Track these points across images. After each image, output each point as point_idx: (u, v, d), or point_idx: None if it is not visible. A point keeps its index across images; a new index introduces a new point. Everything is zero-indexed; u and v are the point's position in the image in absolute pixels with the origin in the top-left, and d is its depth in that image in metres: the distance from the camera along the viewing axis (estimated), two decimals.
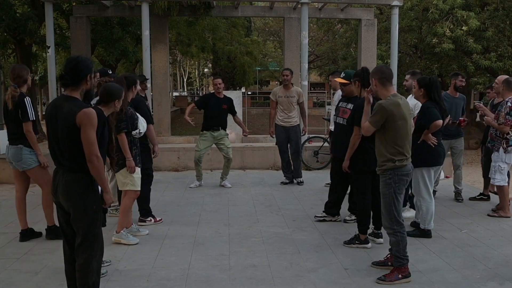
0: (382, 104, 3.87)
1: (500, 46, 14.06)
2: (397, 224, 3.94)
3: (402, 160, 3.90)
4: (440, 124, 4.96)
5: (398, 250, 3.95)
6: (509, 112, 5.66)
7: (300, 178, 7.87)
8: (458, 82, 6.49)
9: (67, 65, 3.19)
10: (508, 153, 5.78)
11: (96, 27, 14.38)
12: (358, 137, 4.65)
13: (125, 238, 4.85)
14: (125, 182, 4.81)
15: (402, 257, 3.95)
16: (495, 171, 5.85)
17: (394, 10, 10.12)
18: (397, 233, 3.94)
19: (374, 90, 4.06)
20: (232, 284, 3.89)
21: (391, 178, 3.90)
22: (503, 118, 5.68)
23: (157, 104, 11.54)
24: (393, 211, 3.92)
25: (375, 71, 4.05)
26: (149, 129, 5.40)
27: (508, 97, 5.74)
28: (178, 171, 9.08)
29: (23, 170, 4.86)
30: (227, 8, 12.26)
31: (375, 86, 4.01)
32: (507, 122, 5.67)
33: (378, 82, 3.98)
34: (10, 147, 4.84)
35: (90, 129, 3.07)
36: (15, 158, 4.82)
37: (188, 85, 53.55)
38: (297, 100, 7.66)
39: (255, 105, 33.80)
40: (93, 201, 3.20)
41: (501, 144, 5.79)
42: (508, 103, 5.68)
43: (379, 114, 3.87)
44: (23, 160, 4.79)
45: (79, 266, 3.19)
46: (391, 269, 4.02)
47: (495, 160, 5.86)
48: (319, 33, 29.09)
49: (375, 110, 3.91)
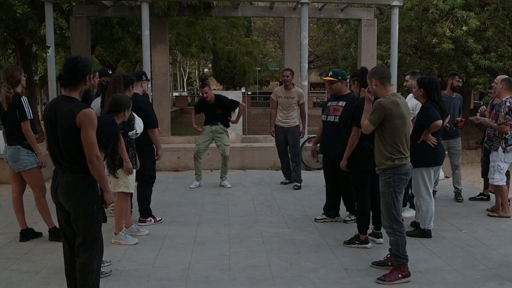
0: (381, 103, 3.87)
1: (500, 46, 14.06)
2: (396, 223, 3.94)
3: (401, 159, 3.91)
4: (440, 124, 4.96)
5: (398, 249, 3.95)
6: (509, 112, 5.66)
7: (297, 183, 7.60)
8: (455, 82, 6.49)
9: (66, 65, 3.18)
10: (507, 152, 5.78)
11: (96, 27, 14.39)
12: (356, 137, 4.65)
13: (123, 239, 4.85)
14: (119, 184, 4.81)
15: (402, 256, 3.95)
16: (494, 171, 5.85)
17: (394, 10, 10.13)
18: (396, 233, 3.94)
19: (373, 91, 4.06)
20: (232, 284, 3.89)
21: (391, 177, 3.91)
22: (503, 118, 5.68)
23: (157, 104, 11.54)
24: (392, 210, 3.92)
25: (375, 71, 4.05)
26: (154, 132, 5.40)
27: (506, 97, 5.75)
28: (178, 171, 9.08)
29: (18, 171, 4.84)
30: (227, 8, 12.26)
31: (375, 86, 4.00)
32: (507, 122, 5.66)
33: (379, 82, 3.97)
34: (8, 147, 4.83)
35: (90, 129, 3.06)
36: (12, 159, 4.81)
37: (188, 85, 53.55)
38: (297, 101, 7.62)
39: (255, 105, 33.83)
40: (93, 202, 3.19)
41: (500, 144, 5.79)
42: (507, 103, 5.68)
43: (377, 112, 3.88)
44: (20, 161, 4.78)
45: (80, 266, 3.20)
46: (391, 269, 4.02)
47: (494, 160, 5.86)
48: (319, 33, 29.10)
49: (374, 108, 3.92)
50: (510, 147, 5.76)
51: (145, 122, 5.22)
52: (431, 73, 14.47)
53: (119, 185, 4.80)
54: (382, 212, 4.01)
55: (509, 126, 5.68)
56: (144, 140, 5.26)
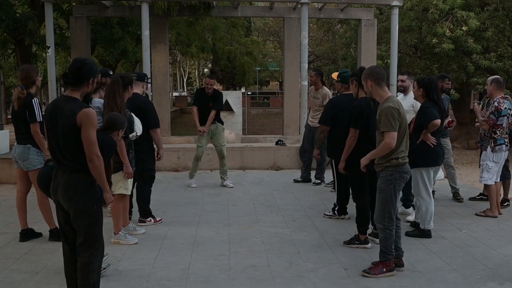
0: (395, 107, 3.88)
1: (500, 46, 14.05)
2: (389, 220, 4.00)
3: (404, 158, 3.98)
4: (438, 124, 4.96)
5: (385, 246, 4.04)
6: (494, 112, 5.74)
7: (318, 180, 7.85)
8: (445, 84, 6.52)
9: (73, 65, 3.22)
10: (495, 152, 5.83)
11: (96, 27, 14.38)
12: (354, 138, 4.66)
13: (123, 238, 4.85)
14: (118, 185, 4.81)
15: (389, 252, 4.05)
16: (482, 170, 5.93)
17: (394, 10, 10.12)
18: (387, 230, 4.01)
19: (369, 91, 4.11)
20: (232, 284, 3.89)
21: (392, 175, 3.95)
22: (487, 116, 5.82)
23: (157, 104, 11.50)
24: (389, 207, 3.97)
25: (370, 72, 4.06)
26: (156, 132, 5.42)
27: (497, 97, 5.80)
28: (178, 171, 9.08)
29: (27, 170, 4.85)
30: (227, 8, 12.25)
31: (371, 87, 4.03)
32: (489, 120, 5.78)
33: (374, 83, 4.01)
34: (18, 146, 4.86)
35: (90, 128, 3.08)
36: (22, 157, 4.83)
37: (188, 85, 53.56)
38: (322, 102, 7.71)
39: (255, 105, 33.85)
40: (93, 201, 3.20)
41: (489, 143, 5.84)
42: (495, 103, 5.75)
43: (395, 118, 3.87)
44: (29, 160, 4.79)
45: (81, 265, 3.21)
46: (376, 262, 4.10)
47: (483, 159, 5.96)
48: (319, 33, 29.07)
49: (390, 115, 3.85)
50: (499, 147, 5.82)
51: (147, 122, 5.23)
52: (431, 73, 14.45)
53: (118, 187, 4.81)
54: (377, 208, 4.06)
55: (489, 125, 5.76)
56: (144, 140, 5.26)
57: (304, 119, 9.34)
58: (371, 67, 4.20)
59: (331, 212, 5.90)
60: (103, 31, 14.64)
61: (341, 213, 5.81)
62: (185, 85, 52.45)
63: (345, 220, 5.75)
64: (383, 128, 3.87)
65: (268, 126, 21.04)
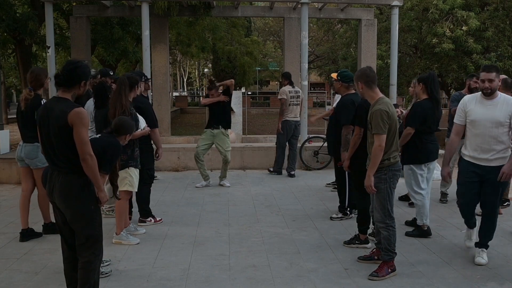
0: (384, 110, 3.91)
1: (500, 46, 14.06)
2: (390, 218, 4.04)
3: (395, 157, 4.05)
4: (411, 133, 5.06)
5: (389, 243, 4.04)
6: None
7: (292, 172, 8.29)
8: (473, 83, 6.52)
9: (66, 67, 3.23)
10: None
11: (96, 27, 14.39)
12: (359, 137, 4.67)
13: (125, 239, 4.85)
14: (124, 182, 4.81)
15: (393, 251, 4.05)
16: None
17: (394, 10, 10.13)
18: (389, 228, 4.03)
19: (361, 93, 4.19)
20: (232, 284, 3.89)
21: (386, 174, 4.00)
22: None
23: (157, 104, 11.54)
24: (387, 205, 4.01)
25: (360, 74, 4.12)
26: (155, 132, 5.43)
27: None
28: (178, 171, 9.08)
29: (36, 167, 4.88)
30: (227, 8, 12.27)
31: (361, 89, 4.11)
32: None
33: (365, 85, 4.07)
34: (25, 145, 4.89)
35: (82, 128, 3.08)
36: (30, 156, 4.86)
37: (188, 85, 53.59)
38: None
39: (255, 105, 33.88)
40: (89, 201, 3.21)
41: None
42: None
43: (385, 121, 3.90)
44: (39, 157, 4.82)
45: (83, 264, 3.22)
46: (380, 264, 4.09)
47: None
48: (319, 33, 29.11)
49: (380, 118, 3.89)
50: None
51: (146, 122, 5.24)
52: None
53: (124, 183, 4.82)
54: (376, 208, 4.09)
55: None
56: (143, 140, 5.27)
57: (304, 119, 9.35)
58: (361, 69, 4.27)
59: (339, 214, 5.79)
60: (103, 31, 14.64)
61: (352, 208, 5.73)
62: (185, 85, 52.46)
63: (345, 220, 5.75)
64: (374, 131, 3.95)
65: (268, 126, 21.01)
